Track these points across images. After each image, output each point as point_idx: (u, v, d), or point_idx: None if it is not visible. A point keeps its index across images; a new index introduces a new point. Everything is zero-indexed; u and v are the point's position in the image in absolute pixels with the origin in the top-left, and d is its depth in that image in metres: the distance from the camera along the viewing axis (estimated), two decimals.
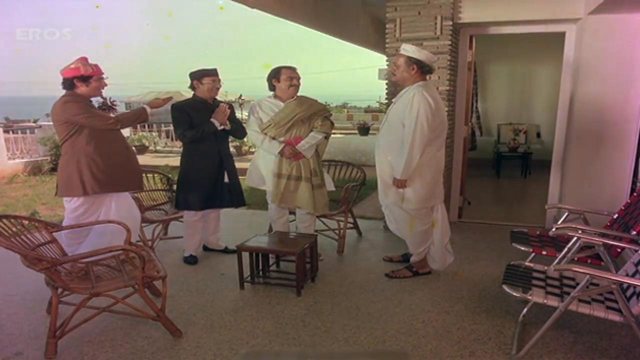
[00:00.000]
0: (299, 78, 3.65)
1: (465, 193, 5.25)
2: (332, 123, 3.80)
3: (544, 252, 3.08)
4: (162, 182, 4.58)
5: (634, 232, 2.78)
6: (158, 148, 12.75)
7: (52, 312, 2.53)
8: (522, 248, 3.13)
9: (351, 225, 4.48)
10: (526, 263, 2.84)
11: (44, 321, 2.78)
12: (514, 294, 2.48)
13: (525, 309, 2.85)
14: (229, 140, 3.98)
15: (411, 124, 3.08)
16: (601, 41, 3.99)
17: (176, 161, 4.51)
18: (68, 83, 3.19)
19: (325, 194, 3.78)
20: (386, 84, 4.54)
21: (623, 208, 3.18)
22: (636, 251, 2.56)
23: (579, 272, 2.31)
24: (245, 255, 3.37)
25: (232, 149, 11.50)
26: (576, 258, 2.93)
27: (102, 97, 3.42)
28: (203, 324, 2.86)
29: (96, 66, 3.24)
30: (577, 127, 4.23)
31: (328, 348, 2.61)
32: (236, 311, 3.04)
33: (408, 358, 2.51)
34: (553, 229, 2.94)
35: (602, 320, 2.35)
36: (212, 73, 3.71)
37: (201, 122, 3.66)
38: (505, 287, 2.50)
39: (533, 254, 3.18)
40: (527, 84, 8.35)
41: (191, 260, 3.90)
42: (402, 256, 3.85)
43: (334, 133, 7.12)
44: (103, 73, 3.30)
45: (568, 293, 2.41)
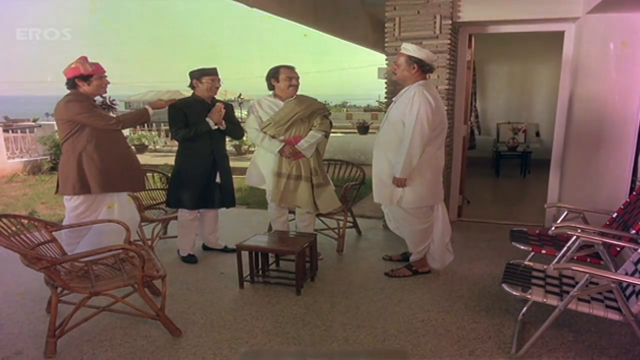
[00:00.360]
0: (298, 77, 3.65)
1: (464, 192, 5.25)
2: (331, 122, 3.80)
3: (544, 251, 3.08)
4: (162, 181, 4.58)
5: (634, 231, 2.79)
6: (157, 147, 12.77)
7: (52, 311, 2.53)
8: (522, 247, 3.13)
9: (350, 224, 4.48)
10: (525, 262, 2.84)
11: (44, 320, 2.78)
12: (514, 293, 2.48)
13: (524, 308, 2.85)
14: (227, 139, 3.97)
15: (411, 123, 3.08)
16: (600, 40, 3.99)
17: None
18: (70, 83, 3.22)
19: (331, 192, 3.76)
20: (385, 83, 4.54)
21: (622, 207, 3.18)
22: (635, 250, 2.56)
23: (579, 271, 2.31)
24: (244, 254, 3.37)
25: (232, 148, 11.56)
26: (575, 257, 2.93)
27: (102, 97, 3.42)
28: (202, 323, 2.86)
29: (96, 65, 3.25)
30: (576, 126, 4.24)
31: (328, 347, 2.61)
32: (236, 310, 3.04)
33: (407, 357, 2.51)
34: (552, 228, 2.94)
35: (602, 319, 2.36)
36: (212, 72, 3.71)
37: (197, 121, 3.66)
38: (504, 286, 2.51)
39: (532, 253, 3.18)
40: (526, 83, 8.36)
41: (191, 259, 3.89)
42: (402, 255, 3.85)
43: (334, 132, 7.11)
44: (104, 71, 3.30)
45: (567, 292, 2.41)
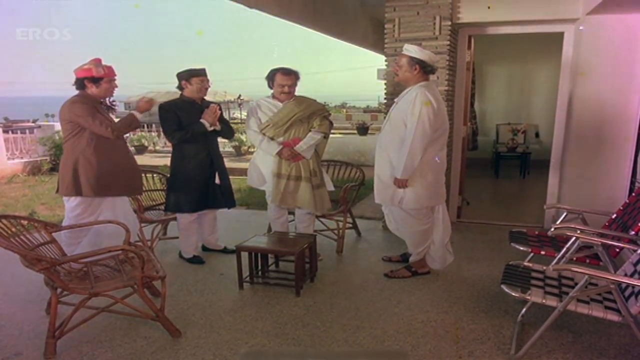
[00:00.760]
0: (292, 84, 3.60)
1: (464, 193, 5.26)
2: (331, 123, 3.80)
3: (543, 252, 3.08)
4: (161, 182, 4.58)
5: (633, 232, 2.79)
6: (157, 148, 12.76)
7: (52, 312, 2.53)
8: (521, 248, 3.14)
9: (350, 225, 4.48)
10: (525, 263, 2.84)
11: (43, 321, 2.77)
12: (513, 294, 2.48)
13: (524, 309, 2.85)
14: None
15: (413, 124, 3.08)
16: (599, 41, 3.99)
17: None
18: (79, 83, 3.21)
19: (326, 194, 3.78)
20: (385, 84, 4.54)
21: (621, 208, 3.18)
22: (635, 251, 2.56)
23: (578, 272, 2.31)
24: (244, 255, 3.37)
25: (231, 149, 11.56)
26: (575, 258, 2.93)
27: (103, 99, 3.41)
28: (202, 324, 2.86)
29: (109, 68, 3.24)
30: (576, 127, 4.24)
31: (327, 348, 2.61)
32: (235, 311, 3.04)
33: (407, 358, 2.51)
34: (552, 229, 2.94)
35: (601, 320, 2.36)
36: (201, 73, 3.65)
37: (190, 123, 3.62)
38: (504, 287, 2.51)
39: (532, 254, 3.18)
40: (526, 84, 8.35)
41: (196, 260, 3.89)
42: (401, 256, 3.85)
43: (333, 133, 7.08)
44: (115, 75, 3.29)
45: (567, 293, 2.41)
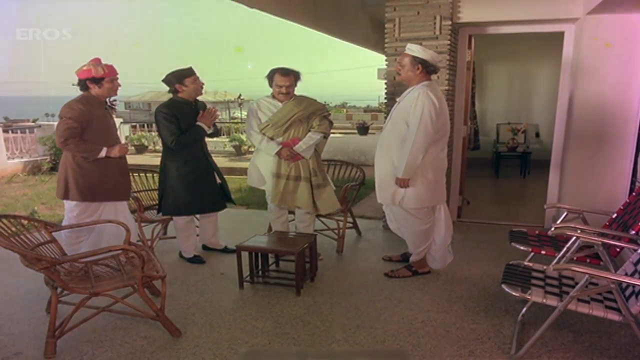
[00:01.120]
0: (290, 85, 3.58)
1: (464, 193, 5.26)
2: (331, 122, 3.79)
3: (543, 252, 3.08)
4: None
5: (633, 232, 2.79)
6: (157, 148, 12.75)
7: (52, 312, 2.53)
8: (521, 247, 3.13)
9: (350, 224, 4.48)
10: (525, 262, 2.84)
11: (44, 321, 2.77)
12: (513, 294, 2.48)
13: (524, 309, 2.85)
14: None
15: (415, 124, 3.07)
16: (600, 41, 3.99)
17: None
18: (82, 84, 3.20)
19: (331, 192, 3.76)
20: (385, 84, 4.54)
21: (622, 207, 3.18)
22: (635, 250, 2.56)
23: (578, 272, 2.31)
24: (244, 254, 3.37)
25: (232, 149, 11.56)
26: (575, 257, 2.93)
27: (107, 98, 3.40)
28: (202, 324, 2.86)
29: (110, 67, 3.22)
30: (576, 127, 4.24)
31: (327, 347, 2.61)
32: (235, 311, 3.04)
33: (407, 357, 2.51)
34: (552, 229, 2.94)
35: (601, 319, 2.36)
36: (191, 72, 3.61)
37: (187, 125, 3.59)
38: (504, 287, 2.51)
39: (532, 254, 3.18)
40: (526, 84, 8.35)
41: (197, 260, 3.88)
42: (402, 256, 3.85)
43: (333, 133, 7.05)
44: (117, 74, 3.27)
45: (567, 292, 2.41)
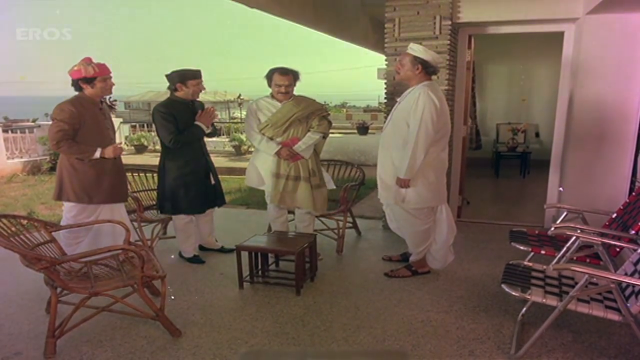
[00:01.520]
0: (289, 84, 3.59)
1: (464, 193, 5.26)
2: (330, 122, 3.78)
3: (543, 252, 3.08)
4: None
5: (633, 232, 2.79)
6: (157, 147, 12.75)
7: (51, 312, 2.53)
8: (521, 247, 3.13)
9: (350, 224, 4.48)
10: (525, 262, 2.84)
11: (43, 321, 2.77)
12: (513, 294, 2.48)
13: (524, 309, 2.85)
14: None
15: (416, 124, 3.07)
16: (600, 41, 3.99)
17: None
18: (75, 84, 3.19)
19: (324, 194, 3.78)
20: (385, 84, 4.54)
21: (622, 207, 3.18)
22: (635, 250, 2.56)
23: (578, 272, 2.31)
24: (244, 254, 3.37)
25: (231, 149, 11.56)
26: (575, 257, 2.93)
27: (102, 97, 3.38)
28: (202, 324, 2.86)
29: (101, 66, 3.19)
30: (576, 127, 4.24)
31: (327, 347, 2.61)
32: (235, 311, 3.04)
33: (407, 357, 2.51)
34: (552, 229, 2.94)
35: (601, 319, 2.36)
36: (197, 75, 3.61)
37: (185, 125, 3.60)
38: (504, 287, 2.51)
39: (532, 254, 3.18)
40: (526, 84, 8.35)
41: (197, 260, 3.88)
42: (402, 255, 3.85)
43: (333, 133, 7.03)
44: (109, 72, 3.24)
45: (567, 292, 2.41)
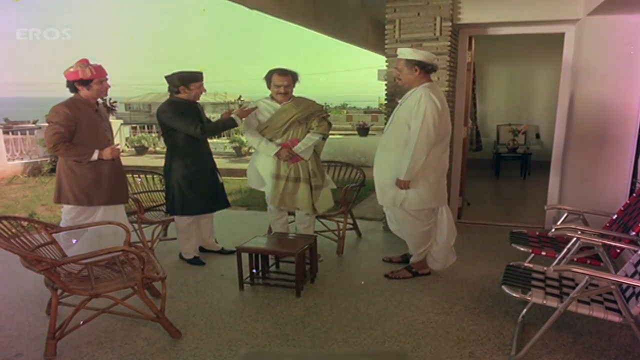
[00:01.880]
0: (289, 85, 3.59)
1: (464, 194, 5.26)
2: (330, 123, 3.78)
3: (544, 253, 3.08)
4: (161, 183, 4.57)
5: (633, 233, 2.78)
6: (157, 149, 12.76)
7: (52, 313, 2.53)
8: (522, 249, 3.13)
9: (350, 226, 4.48)
10: (525, 264, 2.84)
11: (44, 322, 2.78)
12: (514, 295, 2.48)
13: (524, 310, 2.85)
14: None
15: (417, 125, 3.07)
16: (600, 42, 3.99)
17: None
18: (70, 86, 3.18)
19: (328, 194, 3.77)
20: (385, 85, 4.54)
21: (622, 209, 3.18)
22: (635, 252, 2.56)
23: (578, 273, 2.31)
24: (244, 256, 3.37)
25: (232, 150, 11.57)
26: (575, 259, 2.93)
27: (102, 99, 3.37)
28: (202, 325, 2.86)
29: (98, 68, 3.17)
30: (577, 128, 4.24)
31: (328, 349, 2.61)
32: (235, 312, 3.04)
33: (407, 359, 2.51)
34: (552, 230, 2.94)
35: (602, 320, 2.36)
36: (200, 78, 3.62)
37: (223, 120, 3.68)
38: (504, 288, 2.51)
39: (532, 255, 3.18)
40: (527, 85, 8.35)
41: (197, 261, 3.88)
42: (402, 257, 3.85)
43: (333, 134, 7.02)
44: (105, 74, 3.23)
45: (567, 294, 2.41)
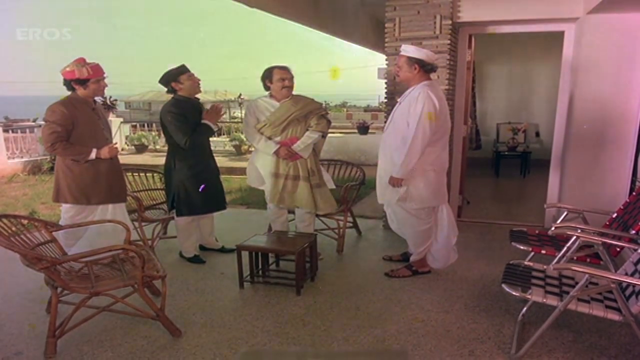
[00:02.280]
0: (292, 78, 3.59)
1: (464, 192, 5.25)
2: (329, 121, 3.77)
3: (543, 251, 3.08)
4: (162, 182, 4.57)
5: (633, 231, 2.79)
6: (157, 147, 12.75)
7: (52, 312, 2.53)
8: (522, 247, 3.13)
9: (350, 224, 4.48)
10: (525, 262, 2.84)
11: (44, 320, 2.77)
12: (514, 293, 2.48)
13: (524, 308, 2.85)
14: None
15: (414, 123, 3.07)
16: (600, 40, 3.99)
17: None
18: (67, 84, 3.16)
19: (327, 192, 3.76)
20: (385, 84, 4.54)
21: (622, 207, 3.18)
22: (635, 250, 2.56)
23: (578, 271, 2.31)
24: (244, 254, 3.37)
25: (232, 148, 11.56)
26: (575, 257, 2.93)
27: (102, 97, 3.37)
28: (202, 323, 2.86)
29: (94, 67, 3.15)
30: (576, 127, 4.23)
31: (328, 347, 2.61)
32: (236, 310, 3.04)
33: (407, 357, 2.51)
34: (552, 228, 2.94)
35: (602, 319, 2.36)
36: (185, 70, 3.58)
37: (194, 124, 3.58)
38: (504, 286, 2.51)
39: (532, 253, 3.18)
40: (526, 83, 8.35)
41: (198, 260, 3.87)
42: (402, 255, 3.85)
43: (333, 132, 7.01)
44: (103, 74, 3.21)
45: (567, 292, 2.41)
